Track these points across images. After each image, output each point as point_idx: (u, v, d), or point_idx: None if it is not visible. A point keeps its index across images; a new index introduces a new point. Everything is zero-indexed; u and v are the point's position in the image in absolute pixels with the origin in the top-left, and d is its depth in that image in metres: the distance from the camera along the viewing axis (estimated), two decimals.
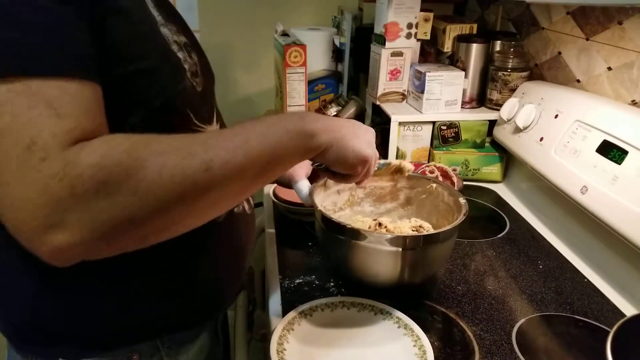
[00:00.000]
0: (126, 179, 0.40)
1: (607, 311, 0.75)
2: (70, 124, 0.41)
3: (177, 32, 0.56)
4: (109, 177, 0.40)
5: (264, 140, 0.48)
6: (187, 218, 0.46)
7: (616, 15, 0.88)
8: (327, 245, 0.78)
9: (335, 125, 0.56)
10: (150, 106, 0.51)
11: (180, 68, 0.55)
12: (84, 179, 0.39)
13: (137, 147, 0.42)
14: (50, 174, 0.39)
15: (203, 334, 0.68)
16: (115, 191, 0.40)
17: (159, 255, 0.57)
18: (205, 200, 0.45)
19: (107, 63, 0.46)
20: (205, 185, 0.44)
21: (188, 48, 0.57)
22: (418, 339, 0.65)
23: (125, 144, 0.42)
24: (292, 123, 0.51)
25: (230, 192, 0.48)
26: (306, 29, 1.43)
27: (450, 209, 0.80)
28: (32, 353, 0.59)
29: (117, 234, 0.42)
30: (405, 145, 1.17)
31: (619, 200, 0.76)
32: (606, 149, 0.82)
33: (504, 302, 0.76)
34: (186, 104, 0.55)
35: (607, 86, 0.93)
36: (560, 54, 1.04)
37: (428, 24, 1.19)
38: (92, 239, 0.40)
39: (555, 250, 0.91)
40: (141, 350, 0.60)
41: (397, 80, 1.19)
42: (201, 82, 0.58)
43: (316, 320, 0.69)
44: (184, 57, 0.56)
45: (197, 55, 0.58)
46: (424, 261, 0.72)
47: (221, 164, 0.45)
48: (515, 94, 1.11)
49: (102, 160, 0.40)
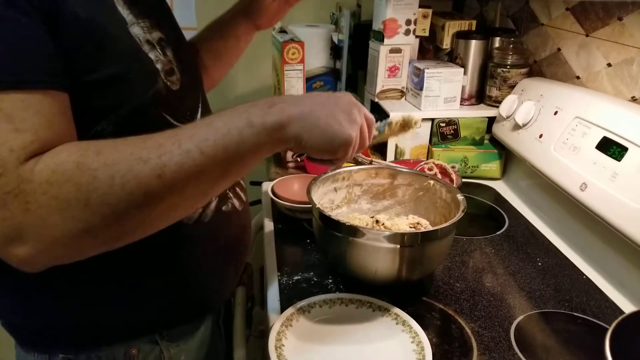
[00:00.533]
0: (76, 193, 0.41)
1: (606, 308, 0.75)
2: (28, 138, 0.41)
3: (150, 28, 0.54)
4: (60, 193, 0.41)
5: (223, 139, 0.45)
6: (146, 223, 0.46)
7: (616, 11, 0.88)
8: (324, 242, 0.77)
9: (307, 107, 0.49)
10: (119, 112, 0.50)
11: (152, 71, 0.53)
12: (37, 196, 0.40)
13: (87, 159, 0.42)
14: (6, 191, 0.40)
15: (203, 327, 0.68)
16: (67, 206, 0.41)
17: (152, 252, 0.57)
18: (163, 205, 0.45)
19: (72, 71, 0.46)
20: (160, 191, 0.43)
21: (162, 44, 0.55)
22: (416, 336, 0.65)
23: (76, 155, 0.42)
24: (257, 115, 0.46)
25: (190, 195, 0.46)
26: (304, 26, 1.42)
27: (448, 206, 0.80)
28: (34, 348, 0.59)
29: (75, 244, 0.43)
30: (403, 142, 1.16)
31: (618, 197, 0.76)
32: (606, 145, 0.81)
33: (503, 299, 0.76)
34: (160, 107, 0.54)
35: (606, 83, 0.92)
36: (560, 50, 1.04)
37: (427, 21, 1.18)
38: (50, 251, 0.42)
39: (554, 248, 0.91)
40: (140, 345, 0.60)
41: (395, 77, 1.19)
42: (178, 79, 0.56)
43: (314, 316, 0.69)
44: (157, 56, 0.54)
45: (173, 50, 0.57)
46: (422, 258, 0.72)
47: (175, 168, 0.43)
48: (515, 91, 1.11)
49: (53, 175, 0.41)
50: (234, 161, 0.46)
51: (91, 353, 0.58)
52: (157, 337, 0.61)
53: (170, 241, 0.58)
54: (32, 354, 0.59)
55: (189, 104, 0.60)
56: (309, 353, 0.63)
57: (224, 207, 0.66)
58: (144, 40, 0.53)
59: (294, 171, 1.13)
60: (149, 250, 0.57)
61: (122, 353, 0.59)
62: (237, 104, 0.48)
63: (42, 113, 0.43)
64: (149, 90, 0.53)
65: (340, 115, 0.51)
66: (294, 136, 0.49)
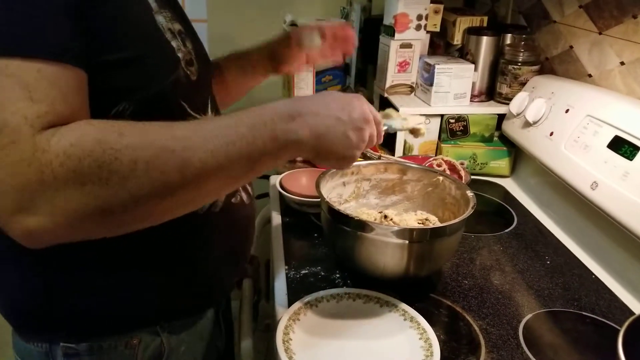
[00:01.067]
0: (97, 170, 0.40)
1: (615, 308, 0.74)
2: (43, 108, 0.41)
3: (171, 20, 0.55)
4: (79, 166, 0.40)
5: (248, 147, 0.46)
6: (158, 213, 0.46)
7: (631, 8, 0.87)
8: (332, 236, 0.77)
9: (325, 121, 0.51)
10: (141, 94, 0.51)
11: (173, 58, 0.54)
12: (54, 167, 0.39)
13: (110, 137, 0.41)
14: (19, 158, 0.39)
15: (203, 320, 0.68)
16: (87, 181, 0.40)
17: (156, 242, 0.57)
18: (179, 197, 0.45)
19: (94, 49, 0.46)
20: (180, 183, 0.44)
21: (182, 36, 0.56)
22: (424, 332, 0.65)
23: (96, 132, 0.41)
24: (281, 130, 0.48)
25: (207, 191, 0.47)
26: (314, 20, 1.42)
27: (457, 202, 0.79)
28: (34, 336, 0.59)
29: (88, 222, 0.42)
30: (412, 138, 1.16)
31: (629, 196, 0.75)
32: (617, 144, 0.80)
33: (511, 297, 0.76)
34: (179, 95, 0.55)
35: (619, 81, 0.91)
36: (572, 47, 1.03)
37: (438, 16, 1.17)
38: (61, 225, 0.41)
39: (563, 246, 0.90)
40: (141, 336, 0.60)
41: (405, 73, 1.18)
42: (196, 70, 0.57)
43: (322, 311, 0.69)
44: (178, 45, 0.55)
45: (191, 42, 0.58)
46: (431, 254, 0.72)
47: (198, 165, 0.44)
48: (525, 88, 1.10)
49: (71, 148, 0.40)
50: (254, 166, 0.48)
51: (93, 342, 0.58)
52: (159, 328, 0.61)
53: (180, 230, 0.58)
54: (31, 344, 0.59)
55: (204, 96, 0.61)
56: (316, 347, 0.63)
57: (233, 199, 0.66)
58: (167, 29, 0.54)
59: (302, 165, 1.12)
60: (156, 239, 0.57)
61: (123, 343, 0.59)
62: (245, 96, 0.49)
63: (58, 86, 0.42)
64: (170, 76, 0.53)
65: (352, 134, 0.53)
66: (310, 150, 0.52)
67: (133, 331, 0.60)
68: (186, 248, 0.61)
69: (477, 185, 1.11)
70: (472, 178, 1.02)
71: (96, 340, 0.58)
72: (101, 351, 0.58)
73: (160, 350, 0.62)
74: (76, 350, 0.58)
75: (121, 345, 0.59)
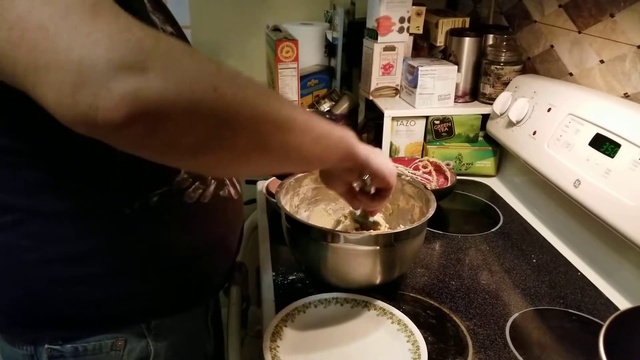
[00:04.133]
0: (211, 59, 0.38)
1: (600, 305, 0.75)
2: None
3: (164, 22, 0.58)
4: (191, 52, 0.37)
5: (324, 125, 0.51)
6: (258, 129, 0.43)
7: (608, 7, 0.88)
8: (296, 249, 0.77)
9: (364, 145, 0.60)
10: None
11: None
12: (167, 39, 0.36)
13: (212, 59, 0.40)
14: (133, 22, 0.35)
15: (191, 324, 0.67)
16: (199, 60, 0.37)
17: (143, 236, 0.57)
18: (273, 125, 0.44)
19: None
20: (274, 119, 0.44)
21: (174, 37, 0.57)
22: (412, 335, 0.65)
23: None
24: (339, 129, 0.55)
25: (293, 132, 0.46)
26: (298, 24, 1.42)
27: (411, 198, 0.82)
28: (19, 339, 0.59)
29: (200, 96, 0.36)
30: (398, 140, 1.16)
31: (611, 193, 0.76)
32: (599, 142, 0.81)
33: (498, 296, 0.76)
34: None
35: (599, 79, 0.92)
36: (553, 47, 1.04)
37: (420, 18, 1.18)
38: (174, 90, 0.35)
39: (548, 244, 0.91)
40: (127, 337, 0.60)
41: (390, 75, 1.19)
42: None
43: (310, 316, 0.69)
44: None
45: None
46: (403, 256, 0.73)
47: (289, 114, 0.45)
48: (508, 88, 1.11)
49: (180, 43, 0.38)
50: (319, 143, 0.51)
51: (78, 344, 0.58)
52: (144, 330, 0.61)
53: (167, 219, 0.58)
54: (17, 347, 0.59)
55: None
56: (304, 353, 0.63)
57: (221, 192, 0.66)
58: (160, 28, 0.56)
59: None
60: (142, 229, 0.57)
61: (109, 345, 0.59)
62: None
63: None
64: None
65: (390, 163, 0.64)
66: (363, 155, 0.58)
67: (119, 332, 0.59)
68: (173, 238, 0.61)
69: (463, 186, 1.12)
70: (458, 178, 1.03)
71: (81, 341, 0.58)
72: (86, 353, 0.58)
73: (146, 353, 0.61)
74: (61, 353, 0.57)
75: (106, 347, 0.59)
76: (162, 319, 0.63)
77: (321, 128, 0.51)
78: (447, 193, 1.01)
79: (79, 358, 0.58)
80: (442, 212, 1.02)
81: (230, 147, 0.41)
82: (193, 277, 0.65)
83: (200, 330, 0.70)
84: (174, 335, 0.64)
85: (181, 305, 0.65)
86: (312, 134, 0.49)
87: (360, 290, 0.73)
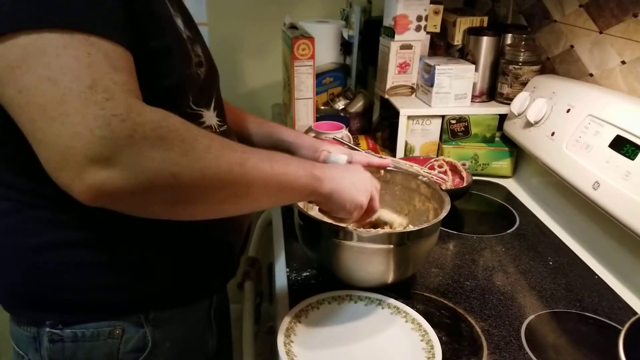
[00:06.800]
0: (181, 143, 0.44)
1: (618, 309, 0.74)
2: (125, 77, 0.44)
3: (184, 26, 0.60)
4: (167, 135, 0.44)
5: (286, 167, 0.55)
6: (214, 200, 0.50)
7: (631, 7, 0.86)
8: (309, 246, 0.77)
9: (338, 176, 0.62)
10: (162, 83, 0.55)
11: (189, 55, 0.59)
12: (145, 129, 0.42)
13: (189, 125, 0.47)
14: (113, 113, 0.41)
15: (191, 318, 0.68)
16: (169, 149, 0.44)
17: (144, 227, 0.58)
18: (230, 190, 0.50)
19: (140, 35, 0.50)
20: (236, 177, 0.49)
21: (191, 41, 0.61)
22: (425, 334, 0.64)
23: (179, 118, 0.46)
24: (307, 165, 0.59)
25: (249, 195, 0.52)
26: (314, 22, 1.42)
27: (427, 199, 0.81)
28: (24, 319, 0.61)
29: (157, 185, 0.44)
30: (413, 139, 1.16)
31: (631, 196, 0.75)
32: (619, 144, 0.80)
33: (513, 298, 0.75)
34: (189, 88, 0.59)
35: (620, 80, 0.91)
36: (573, 47, 1.03)
37: (438, 17, 1.17)
38: (133, 183, 0.42)
39: (565, 247, 0.90)
40: (125, 326, 0.60)
41: (406, 74, 1.18)
42: (203, 72, 0.62)
43: (323, 313, 0.69)
44: (191, 47, 0.60)
45: (200, 48, 0.63)
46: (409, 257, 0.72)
47: (252, 165, 0.50)
48: (526, 88, 1.09)
49: (163, 120, 0.44)
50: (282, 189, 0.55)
51: (76, 329, 0.59)
52: (143, 320, 0.61)
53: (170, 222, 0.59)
54: (22, 328, 0.61)
55: (206, 95, 0.64)
56: (317, 350, 0.63)
57: None
58: (182, 31, 0.59)
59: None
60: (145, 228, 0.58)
61: (106, 332, 0.60)
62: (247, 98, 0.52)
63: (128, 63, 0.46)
64: (186, 70, 0.58)
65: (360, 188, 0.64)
66: (327, 192, 0.61)
67: (117, 320, 0.60)
68: (173, 232, 0.61)
69: (479, 186, 1.11)
70: (474, 179, 1.02)
71: (80, 327, 0.59)
72: (84, 339, 0.59)
73: (143, 343, 0.62)
74: (60, 337, 0.59)
75: (104, 334, 0.60)
76: (161, 310, 0.63)
77: (282, 181, 0.54)
78: (463, 193, 1.00)
79: (78, 343, 0.59)
80: (458, 213, 1.01)
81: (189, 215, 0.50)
82: (192, 272, 0.65)
83: (201, 325, 0.70)
84: (173, 328, 0.65)
85: (180, 299, 0.66)
86: (270, 190, 0.54)
87: (373, 289, 0.73)
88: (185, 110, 0.59)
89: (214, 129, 0.64)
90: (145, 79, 0.51)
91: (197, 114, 0.61)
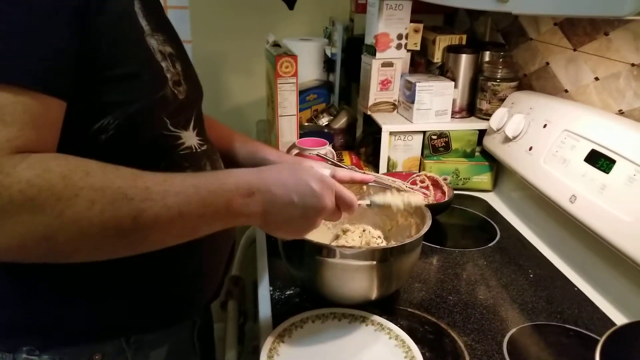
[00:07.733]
0: (54, 202, 0.42)
1: (597, 320, 0.75)
2: (14, 133, 0.42)
3: (163, 42, 0.58)
4: (38, 196, 0.42)
5: (204, 209, 0.50)
6: (106, 250, 0.48)
7: (603, 26, 0.89)
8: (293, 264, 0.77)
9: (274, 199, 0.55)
10: (127, 109, 0.53)
11: (162, 77, 0.57)
12: (12, 192, 0.41)
13: (75, 175, 0.44)
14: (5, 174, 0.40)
15: (173, 339, 0.67)
16: (40, 210, 0.42)
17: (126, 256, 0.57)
18: (129, 241, 0.48)
19: (91, 63, 0.49)
20: (131, 230, 0.46)
21: (172, 58, 0.59)
22: (409, 350, 0.65)
23: (63, 167, 0.44)
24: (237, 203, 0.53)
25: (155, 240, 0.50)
26: (298, 40, 1.44)
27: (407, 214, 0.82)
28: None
29: (29, 247, 0.43)
30: (396, 155, 1.17)
31: (607, 209, 0.76)
32: (594, 158, 0.82)
33: (495, 311, 0.76)
34: (163, 112, 0.58)
35: (594, 96, 0.94)
36: (549, 64, 1.06)
37: (418, 35, 1.20)
38: (5, 246, 0.42)
39: (545, 259, 0.91)
40: (105, 351, 0.59)
41: (387, 91, 1.20)
42: (184, 90, 0.60)
43: (307, 331, 0.68)
44: (167, 66, 0.58)
45: (181, 65, 0.61)
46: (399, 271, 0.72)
47: (152, 216, 0.47)
48: (505, 104, 1.12)
49: (36, 178, 0.42)
50: (201, 227, 0.52)
51: (54, 355, 0.58)
52: (124, 344, 0.60)
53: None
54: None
55: (188, 114, 0.63)
56: None
57: None
58: (157, 50, 0.57)
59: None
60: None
61: (86, 357, 0.59)
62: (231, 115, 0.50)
63: (31, 113, 0.44)
64: (158, 93, 0.56)
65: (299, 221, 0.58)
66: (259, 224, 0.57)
67: (98, 343, 0.59)
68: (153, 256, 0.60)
69: (461, 200, 1.12)
70: (455, 193, 1.03)
71: (58, 352, 0.58)
72: None
73: None
74: None
75: (84, 359, 0.58)
76: (143, 334, 0.62)
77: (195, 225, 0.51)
78: (445, 208, 1.01)
79: None
80: (440, 227, 1.02)
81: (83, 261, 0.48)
82: (174, 296, 0.65)
83: (184, 346, 0.69)
84: (155, 351, 0.64)
85: (162, 322, 0.65)
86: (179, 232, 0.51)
87: (357, 305, 0.73)
88: (161, 132, 0.58)
89: (194, 148, 0.63)
90: (109, 107, 0.51)
91: (175, 135, 0.60)
